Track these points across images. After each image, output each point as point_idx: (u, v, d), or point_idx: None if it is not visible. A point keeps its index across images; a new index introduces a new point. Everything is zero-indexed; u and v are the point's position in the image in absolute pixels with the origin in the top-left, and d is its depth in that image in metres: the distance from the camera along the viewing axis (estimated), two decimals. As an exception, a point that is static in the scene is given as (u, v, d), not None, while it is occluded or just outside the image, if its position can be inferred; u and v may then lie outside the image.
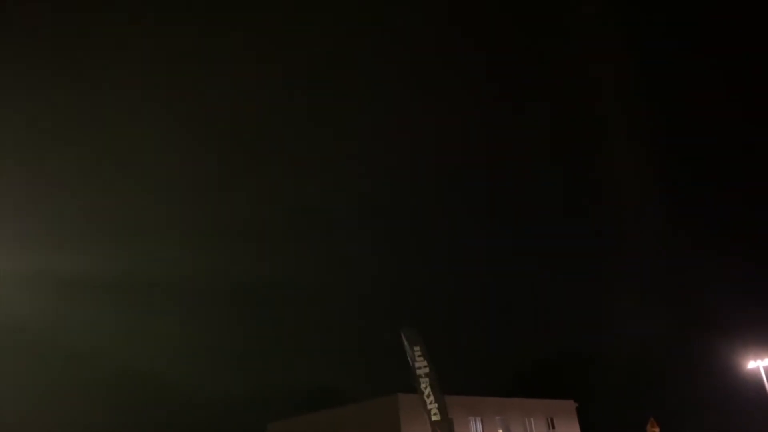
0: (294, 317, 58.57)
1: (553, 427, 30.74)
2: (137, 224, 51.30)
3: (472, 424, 27.52)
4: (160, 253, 47.83)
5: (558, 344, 52.55)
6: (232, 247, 57.36)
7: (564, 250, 62.55)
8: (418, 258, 66.68)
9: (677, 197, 62.01)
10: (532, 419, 30.00)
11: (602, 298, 55.72)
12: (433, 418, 16.61)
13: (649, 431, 20.96)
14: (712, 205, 62.24)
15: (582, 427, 32.26)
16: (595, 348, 49.81)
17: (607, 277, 57.26)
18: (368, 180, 65.15)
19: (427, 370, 16.89)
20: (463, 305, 63.28)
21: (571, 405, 32.73)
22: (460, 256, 65.12)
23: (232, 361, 53.60)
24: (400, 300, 60.96)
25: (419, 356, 16.77)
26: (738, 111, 61.89)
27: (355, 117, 66.92)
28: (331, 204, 65.24)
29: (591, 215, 62.17)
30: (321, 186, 65.13)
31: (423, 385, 16.79)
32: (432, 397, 16.96)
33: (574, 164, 66.07)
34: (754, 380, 27.88)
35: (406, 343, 16.75)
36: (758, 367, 25.80)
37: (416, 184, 69.17)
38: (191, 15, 57.59)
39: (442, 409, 17.10)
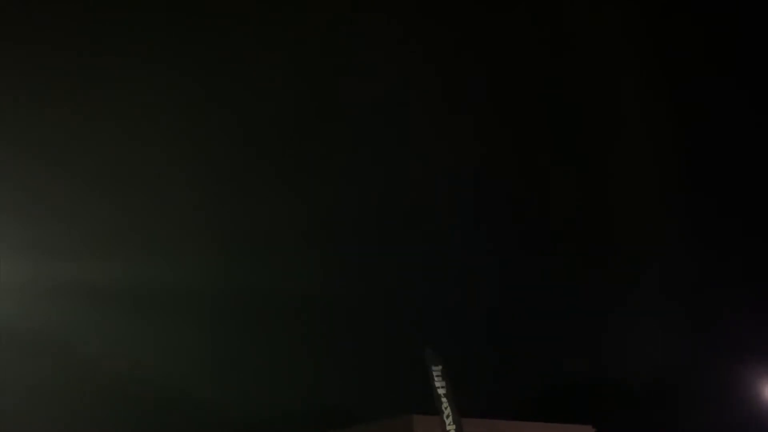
0: (302, 331, 58.21)
1: (571, 453, 30.16)
2: (158, 234, 51.49)
3: (488, 448, 27.00)
4: (180, 262, 47.99)
5: (574, 367, 51.85)
6: (249, 257, 57.23)
7: (583, 270, 61.75)
8: (434, 274, 66.17)
9: (701, 218, 61.11)
10: (549, 444, 29.46)
11: (622, 320, 54.98)
12: (453, 440, 16.42)
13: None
14: (737, 227, 61.25)
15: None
16: (614, 372, 49.11)
17: (626, 298, 56.49)
18: (388, 190, 64.64)
19: (446, 390, 16.78)
20: (476, 324, 62.65)
21: (589, 431, 32.11)
22: (475, 276, 64.48)
23: (232, 376, 53.42)
24: (413, 316, 60.40)
25: (438, 376, 16.69)
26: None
27: (374, 126, 66.48)
28: (348, 214, 64.93)
29: (612, 234, 61.42)
30: (339, 196, 64.71)
31: (443, 406, 16.67)
32: (450, 418, 16.87)
33: (594, 183, 65.41)
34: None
35: (427, 363, 16.72)
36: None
37: (436, 196, 68.76)
38: (202, 15, 58.04)
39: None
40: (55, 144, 48.01)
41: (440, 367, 16.84)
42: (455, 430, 16.75)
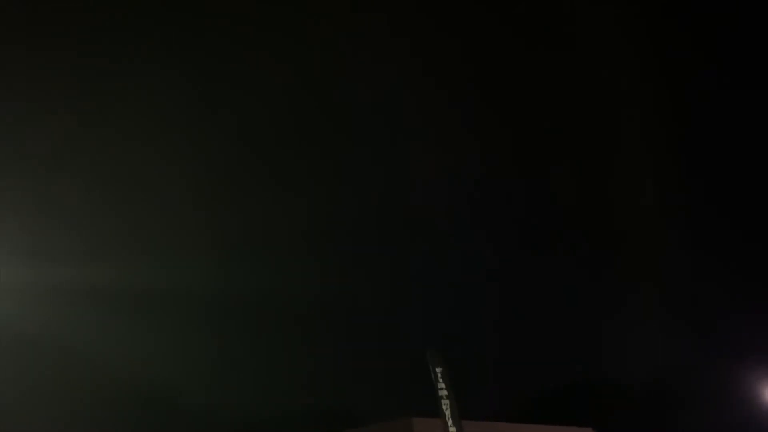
0: (302, 332, 58.12)
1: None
2: (157, 235, 51.44)
3: (488, 450, 26.94)
4: (180, 264, 47.98)
5: (574, 369, 51.83)
6: (249, 258, 57.20)
7: (583, 272, 61.69)
8: (434, 274, 66.07)
9: (702, 219, 61.04)
10: (548, 446, 29.43)
11: (621, 322, 54.96)
12: (453, 442, 16.38)
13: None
14: (737, 228, 61.15)
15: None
16: (614, 374, 49.10)
17: (625, 300, 56.47)
18: (388, 191, 64.50)
19: (447, 392, 16.75)
20: (476, 325, 62.58)
21: (589, 432, 32.08)
22: (475, 276, 64.40)
23: (232, 377, 53.37)
24: (413, 317, 60.36)
25: (440, 378, 16.66)
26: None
27: (374, 126, 66.39)
28: (348, 215, 64.87)
29: (613, 235, 61.34)
30: (339, 197, 64.66)
31: (444, 407, 16.64)
32: (451, 421, 16.83)
33: (595, 183, 65.39)
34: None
35: (429, 364, 16.71)
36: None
37: (436, 197, 68.74)
38: (202, 16, 57.99)
39: (460, 434, 16.91)
40: (54, 144, 48.03)
41: (442, 369, 16.82)
42: (456, 431, 16.71)
